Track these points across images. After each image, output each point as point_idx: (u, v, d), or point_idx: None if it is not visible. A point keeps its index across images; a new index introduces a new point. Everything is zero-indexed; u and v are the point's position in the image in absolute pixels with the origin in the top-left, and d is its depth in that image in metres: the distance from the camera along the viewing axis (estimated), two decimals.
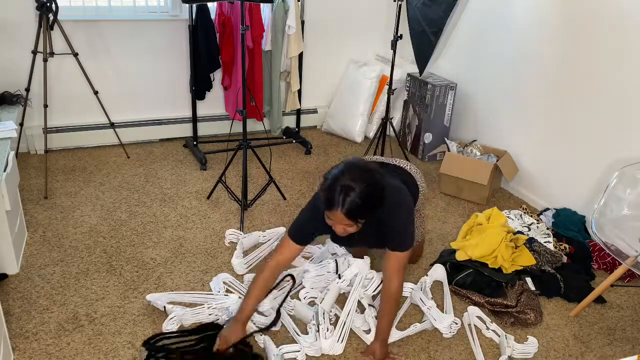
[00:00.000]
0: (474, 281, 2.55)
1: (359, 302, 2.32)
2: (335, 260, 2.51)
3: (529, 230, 3.01)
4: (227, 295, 2.34)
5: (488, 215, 2.82)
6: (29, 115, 3.54)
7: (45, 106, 3.14)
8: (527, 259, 2.64)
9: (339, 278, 2.43)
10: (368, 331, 2.24)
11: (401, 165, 2.45)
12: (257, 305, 2.18)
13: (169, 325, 2.15)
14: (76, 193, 3.19)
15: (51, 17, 3.09)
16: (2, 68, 3.40)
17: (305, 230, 2.17)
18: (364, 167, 1.95)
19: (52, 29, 3.12)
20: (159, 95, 3.91)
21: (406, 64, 4.25)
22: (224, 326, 2.11)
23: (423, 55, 3.95)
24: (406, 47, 4.17)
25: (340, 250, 2.66)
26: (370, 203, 1.91)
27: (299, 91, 4.07)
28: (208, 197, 3.24)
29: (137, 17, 3.64)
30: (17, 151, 3.57)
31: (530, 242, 2.80)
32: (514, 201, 3.49)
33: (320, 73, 4.33)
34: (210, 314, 2.23)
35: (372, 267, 2.52)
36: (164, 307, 2.24)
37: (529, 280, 2.59)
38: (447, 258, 2.73)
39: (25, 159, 3.55)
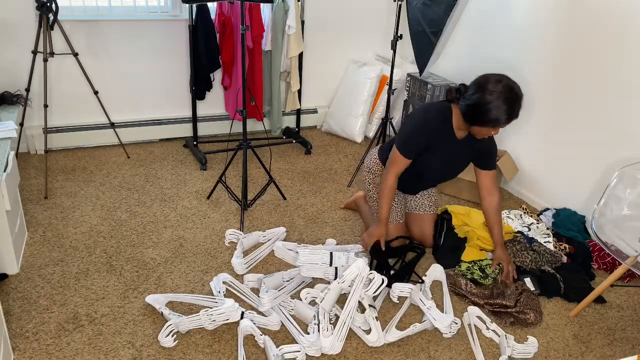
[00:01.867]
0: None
1: (359, 302, 2.32)
2: (331, 253, 2.51)
3: (529, 230, 3.01)
4: (222, 300, 2.32)
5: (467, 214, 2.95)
6: (29, 115, 3.54)
7: (45, 106, 3.14)
8: (505, 229, 2.83)
9: (335, 272, 2.44)
10: (368, 331, 2.24)
11: None
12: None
13: (165, 337, 2.13)
14: (76, 193, 3.19)
15: (51, 17, 3.09)
16: (2, 68, 3.40)
17: (417, 141, 2.49)
18: (509, 80, 2.29)
19: (52, 29, 3.12)
20: (159, 95, 3.91)
21: (406, 64, 4.25)
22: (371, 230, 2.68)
23: (423, 55, 3.95)
24: (406, 47, 4.17)
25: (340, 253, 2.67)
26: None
27: (299, 91, 4.07)
28: (208, 197, 3.25)
29: (137, 17, 3.64)
30: (17, 151, 3.57)
31: (530, 242, 2.80)
32: (514, 201, 3.49)
33: (320, 73, 4.33)
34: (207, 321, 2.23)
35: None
36: (162, 312, 2.24)
37: (528, 280, 2.59)
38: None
39: (25, 159, 3.55)
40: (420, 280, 2.53)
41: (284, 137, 4.23)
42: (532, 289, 2.57)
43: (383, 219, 2.62)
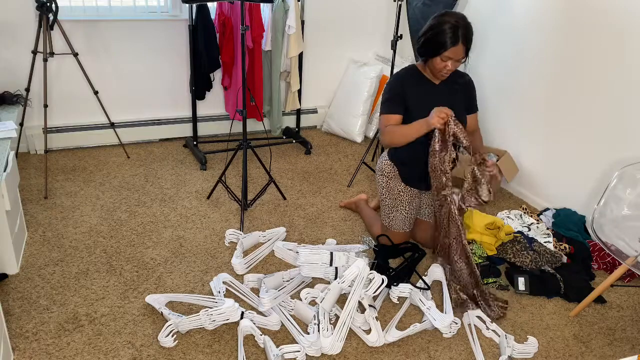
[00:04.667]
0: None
1: (359, 302, 2.32)
2: (331, 253, 2.51)
3: (529, 230, 3.01)
4: (222, 300, 2.32)
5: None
6: (29, 115, 3.54)
7: (45, 106, 3.14)
8: (506, 229, 2.82)
9: (335, 272, 2.44)
10: (368, 331, 2.24)
11: None
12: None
13: (165, 337, 2.13)
14: (76, 193, 3.19)
15: (51, 17, 3.09)
16: (2, 68, 3.40)
17: (396, 97, 2.52)
18: (458, 12, 2.44)
19: (52, 29, 3.12)
20: (159, 95, 3.91)
21: (406, 64, 4.24)
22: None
23: None
24: (406, 47, 4.17)
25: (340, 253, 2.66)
26: (472, 34, 2.40)
27: (299, 91, 4.07)
28: (208, 197, 3.25)
29: (137, 17, 3.64)
30: (17, 151, 3.57)
31: (530, 242, 2.81)
32: (514, 201, 3.49)
33: (320, 73, 4.33)
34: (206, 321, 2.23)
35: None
36: (162, 312, 2.24)
37: (520, 280, 2.59)
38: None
39: (25, 159, 3.55)
40: (425, 287, 2.51)
41: (284, 137, 4.23)
42: (522, 289, 2.57)
43: (424, 121, 2.39)
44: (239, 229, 2.94)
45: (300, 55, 3.94)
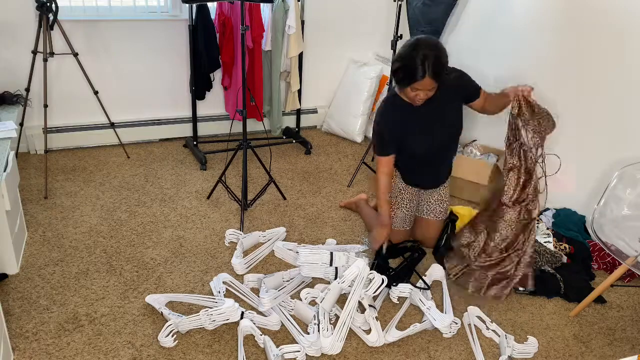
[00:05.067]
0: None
1: (359, 302, 2.32)
2: (331, 253, 2.51)
3: None
4: (222, 300, 2.32)
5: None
6: (29, 115, 3.54)
7: (45, 106, 3.14)
8: None
9: (335, 272, 2.45)
10: (368, 331, 2.24)
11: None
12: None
13: (165, 337, 2.14)
14: (76, 193, 3.19)
15: (51, 17, 3.09)
16: (2, 68, 3.40)
17: (385, 139, 2.56)
18: (432, 40, 2.36)
19: (52, 29, 3.12)
20: (159, 95, 3.91)
21: None
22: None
23: None
24: None
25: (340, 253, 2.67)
26: (445, 62, 2.33)
27: (299, 91, 4.07)
28: (208, 197, 3.25)
29: (137, 17, 3.64)
30: (17, 151, 3.57)
31: None
32: None
33: (320, 73, 4.33)
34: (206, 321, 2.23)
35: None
36: (162, 312, 2.24)
37: None
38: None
39: (25, 159, 3.55)
40: (425, 287, 2.51)
41: (284, 137, 4.23)
42: (522, 289, 2.57)
43: (385, 221, 2.63)
44: (239, 229, 2.94)
45: (300, 55, 3.94)
